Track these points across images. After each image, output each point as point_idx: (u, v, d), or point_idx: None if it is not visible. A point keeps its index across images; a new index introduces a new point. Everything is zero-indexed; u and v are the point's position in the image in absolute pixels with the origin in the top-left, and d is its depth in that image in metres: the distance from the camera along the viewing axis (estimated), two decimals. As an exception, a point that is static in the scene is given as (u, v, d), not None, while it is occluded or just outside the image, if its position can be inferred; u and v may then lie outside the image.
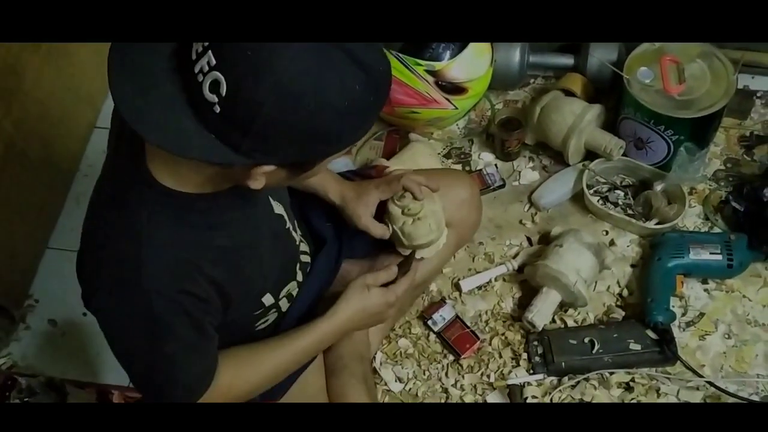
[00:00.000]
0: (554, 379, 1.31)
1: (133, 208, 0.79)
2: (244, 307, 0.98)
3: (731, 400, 1.24)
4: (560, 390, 1.28)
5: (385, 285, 1.06)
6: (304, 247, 1.14)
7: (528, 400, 1.28)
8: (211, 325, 0.89)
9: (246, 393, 0.99)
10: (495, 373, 1.33)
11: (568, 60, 1.63)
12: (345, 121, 0.72)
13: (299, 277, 1.09)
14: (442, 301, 1.41)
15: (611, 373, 1.28)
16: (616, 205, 1.48)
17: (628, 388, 1.28)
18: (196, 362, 0.89)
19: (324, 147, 0.74)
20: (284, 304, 1.08)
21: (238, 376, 0.95)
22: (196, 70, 0.68)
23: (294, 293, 1.10)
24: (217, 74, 0.67)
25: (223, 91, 0.67)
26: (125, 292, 0.80)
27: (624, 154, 1.46)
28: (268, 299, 1.02)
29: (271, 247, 0.98)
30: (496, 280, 1.44)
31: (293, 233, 1.04)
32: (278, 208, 1.01)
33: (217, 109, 0.68)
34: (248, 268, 0.91)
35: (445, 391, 1.34)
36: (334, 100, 0.69)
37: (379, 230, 1.14)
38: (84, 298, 0.85)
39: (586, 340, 1.30)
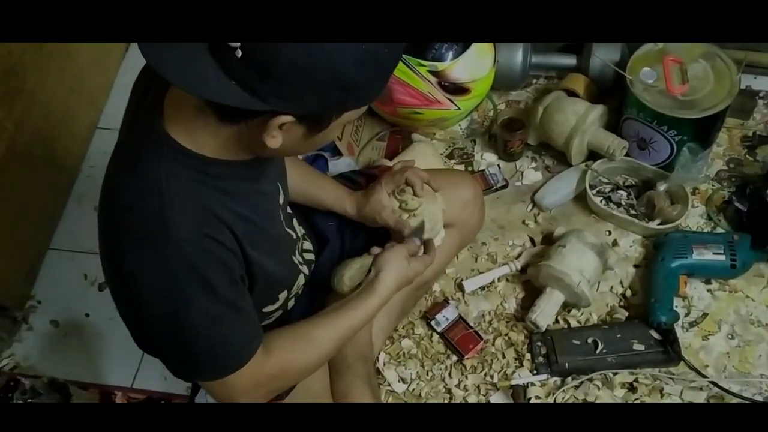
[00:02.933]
0: (558, 379, 1.31)
1: (151, 166, 0.79)
2: (262, 297, 0.97)
3: (735, 400, 1.24)
4: (564, 390, 1.28)
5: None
6: (307, 245, 1.13)
7: (531, 401, 1.28)
8: (244, 282, 0.88)
9: (300, 372, 0.97)
10: (498, 373, 1.33)
11: (570, 60, 1.63)
12: (361, 67, 0.72)
13: (306, 271, 1.09)
14: (445, 302, 1.41)
15: (615, 374, 1.28)
16: (619, 205, 1.48)
17: (632, 388, 1.28)
18: (237, 319, 0.86)
19: (341, 95, 0.74)
20: (290, 303, 1.08)
21: (294, 352, 0.93)
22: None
23: (300, 291, 1.10)
24: None
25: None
26: (156, 248, 0.78)
27: (627, 155, 1.46)
28: (283, 294, 1.02)
29: (282, 235, 0.98)
30: (499, 280, 1.44)
31: (287, 229, 1.04)
32: (281, 198, 1.01)
33: (239, 53, 0.69)
34: (263, 243, 0.90)
35: (449, 391, 1.34)
36: (352, 44, 0.71)
37: (399, 224, 1.14)
38: (112, 267, 0.82)
39: (590, 340, 1.30)
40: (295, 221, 1.09)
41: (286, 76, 0.70)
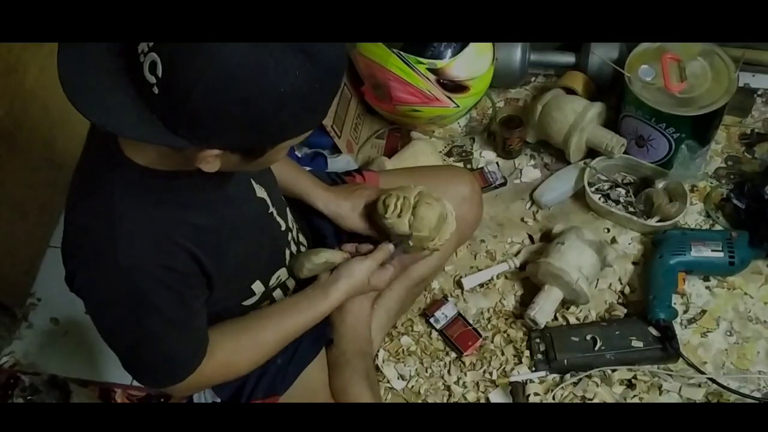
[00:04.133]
0: (556, 376, 1.31)
1: (105, 188, 0.80)
2: (232, 293, 0.98)
3: (733, 397, 1.24)
4: (562, 387, 1.28)
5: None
6: (302, 238, 1.14)
7: (530, 398, 1.28)
8: (197, 299, 0.89)
9: (242, 369, 1.00)
10: (497, 370, 1.33)
11: (569, 58, 1.63)
12: (285, 108, 0.69)
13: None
14: (444, 299, 1.41)
15: (613, 370, 1.29)
16: (617, 202, 1.48)
17: (630, 385, 1.28)
18: (183, 337, 0.89)
19: (270, 132, 0.71)
20: (278, 294, 1.08)
21: (234, 350, 0.96)
22: (139, 50, 0.67)
23: (289, 284, 1.10)
24: (154, 55, 0.66)
25: (160, 71, 0.66)
26: (102, 270, 0.80)
27: (625, 152, 1.47)
28: (258, 287, 1.02)
29: (254, 230, 0.98)
30: (498, 277, 1.44)
31: (277, 218, 1.03)
32: (260, 192, 1.00)
33: (156, 90, 0.67)
34: (230, 249, 0.91)
35: (448, 388, 1.34)
36: (273, 84, 0.67)
37: (366, 231, 1.14)
38: (68, 282, 0.86)
39: (588, 337, 1.30)
40: (288, 211, 1.09)
41: (201, 116, 0.67)
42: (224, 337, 0.95)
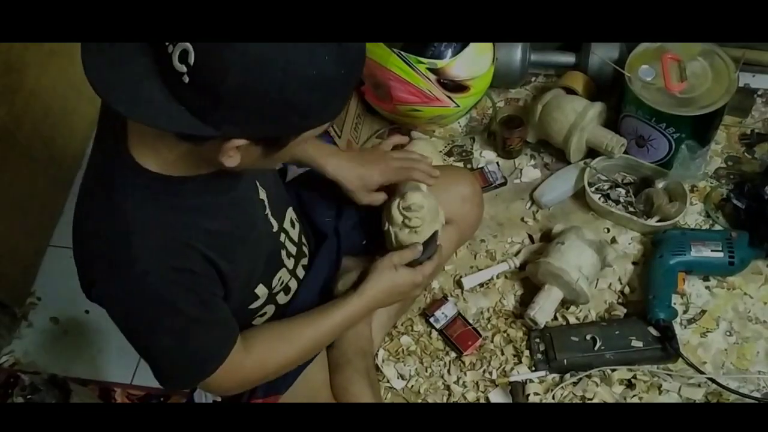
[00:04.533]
0: (556, 376, 1.31)
1: (118, 193, 0.80)
2: (240, 296, 0.98)
3: (733, 396, 1.24)
4: (562, 387, 1.29)
5: (411, 264, 1.07)
6: (303, 239, 1.14)
7: (530, 397, 1.28)
8: (217, 296, 0.89)
9: (279, 367, 1.00)
10: (497, 370, 1.34)
11: (569, 58, 1.63)
12: (314, 92, 0.70)
13: (290, 265, 1.09)
14: (444, 299, 1.41)
15: (613, 370, 1.29)
16: (617, 202, 1.48)
17: (630, 385, 1.29)
18: (209, 331, 0.88)
19: (294, 120, 0.72)
20: (282, 298, 1.08)
21: (272, 349, 0.96)
22: (166, 41, 0.68)
23: (291, 285, 1.10)
24: (186, 44, 0.67)
25: (191, 60, 0.66)
26: (121, 277, 0.80)
27: (625, 152, 1.47)
28: (261, 290, 1.02)
29: (255, 232, 0.98)
30: (497, 277, 1.44)
31: (271, 219, 1.03)
32: (261, 193, 1.00)
33: (186, 78, 0.67)
34: (239, 253, 0.91)
35: (447, 388, 1.34)
36: (303, 68, 0.68)
37: (379, 198, 1.15)
38: (84, 291, 0.86)
39: (588, 337, 1.30)
40: (290, 210, 1.09)
41: (234, 102, 0.68)
42: (261, 334, 0.96)
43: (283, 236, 1.07)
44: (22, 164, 1.54)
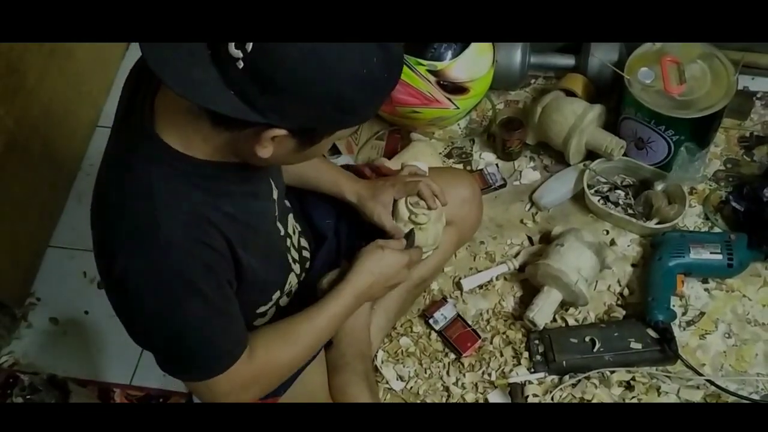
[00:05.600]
0: (555, 377, 1.31)
1: (141, 166, 0.80)
2: (255, 296, 0.98)
3: (731, 398, 1.24)
4: (561, 388, 1.29)
5: None
6: (303, 242, 1.14)
7: (529, 399, 1.29)
8: (231, 286, 0.88)
9: (284, 367, 0.98)
10: (496, 371, 1.34)
11: (569, 60, 1.64)
12: (360, 90, 0.73)
13: (297, 269, 1.09)
14: (444, 300, 1.41)
15: (612, 372, 1.29)
16: (616, 204, 1.48)
17: (629, 386, 1.29)
18: (225, 323, 0.87)
19: (337, 115, 0.75)
20: (283, 300, 1.08)
21: (274, 350, 0.94)
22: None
23: (293, 289, 1.10)
24: None
25: (249, 47, 0.69)
26: (144, 249, 0.79)
27: (625, 154, 1.47)
28: (276, 295, 1.02)
29: (270, 227, 0.98)
30: (497, 279, 1.44)
31: (277, 223, 1.04)
32: (274, 194, 1.01)
33: (241, 64, 0.70)
34: (253, 243, 0.90)
35: (446, 389, 1.34)
36: (354, 66, 0.71)
37: (393, 230, 1.13)
38: (104, 269, 0.83)
39: (587, 338, 1.31)
40: (291, 216, 1.09)
41: (285, 91, 0.71)
42: (261, 335, 0.94)
43: (288, 241, 1.07)
44: (21, 165, 1.54)
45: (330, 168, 1.19)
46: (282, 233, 1.05)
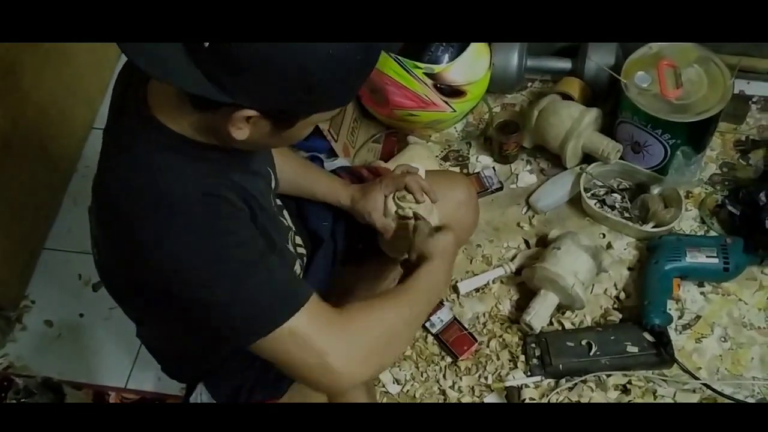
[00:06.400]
0: (552, 381, 1.31)
1: (139, 147, 0.79)
2: None
3: (727, 402, 1.24)
4: (558, 392, 1.29)
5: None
6: (298, 240, 1.14)
7: (525, 402, 1.28)
8: (265, 237, 0.84)
9: (384, 329, 0.86)
10: (493, 375, 1.34)
11: (565, 64, 1.64)
12: (329, 70, 0.71)
13: (296, 267, 1.09)
14: (440, 303, 1.41)
15: (608, 375, 1.29)
16: (613, 208, 1.49)
17: (625, 390, 1.29)
18: (281, 264, 0.83)
19: (305, 96, 0.73)
20: None
21: (369, 312, 0.86)
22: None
23: None
24: None
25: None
26: (162, 216, 0.76)
27: (621, 158, 1.47)
28: None
29: (277, 218, 0.97)
30: (493, 282, 1.44)
31: (278, 216, 1.04)
32: (273, 183, 1.01)
33: (207, 43, 0.69)
34: (261, 216, 0.88)
35: (443, 393, 1.34)
36: (322, 46, 0.70)
37: (384, 226, 1.13)
38: (120, 251, 0.81)
39: (584, 342, 1.31)
40: (286, 213, 1.09)
41: (251, 71, 0.70)
42: (356, 305, 0.87)
43: (290, 234, 1.07)
44: (17, 166, 1.53)
45: (325, 176, 1.20)
46: (286, 224, 1.05)
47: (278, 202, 1.07)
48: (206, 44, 0.69)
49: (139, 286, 0.84)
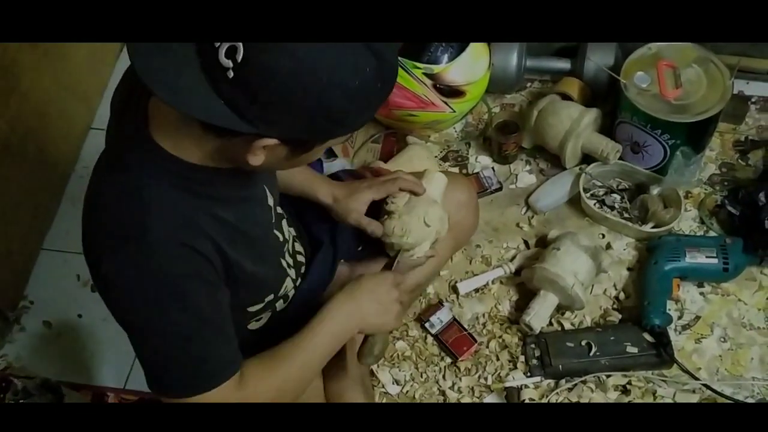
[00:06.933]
0: (551, 381, 1.31)
1: (133, 169, 0.79)
2: (244, 299, 0.96)
3: (727, 402, 1.24)
4: (557, 392, 1.29)
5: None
6: (298, 246, 1.13)
7: (525, 403, 1.28)
8: (225, 296, 0.86)
9: (276, 397, 0.92)
10: (492, 375, 1.33)
11: (565, 64, 1.64)
12: (352, 101, 0.72)
13: (292, 274, 1.09)
14: (440, 304, 1.41)
15: (608, 376, 1.29)
16: (612, 208, 1.49)
17: (625, 390, 1.29)
18: (214, 340, 0.85)
19: (328, 126, 0.74)
20: (280, 305, 1.08)
21: (265, 380, 0.90)
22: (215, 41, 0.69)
23: (290, 294, 1.09)
24: (237, 42, 0.68)
25: (239, 56, 0.68)
26: (131, 251, 0.78)
27: (620, 158, 1.47)
28: (270, 298, 1.01)
29: (268, 238, 0.97)
30: (493, 282, 1.44)
31: (275, 231, 1.03)
32: (270, 200, 1.00)
33: (231, 74, 0.69)
34: (244, 245, 0.89)
35: (443, 393, 1.34)
36: (346, 78, 0.71)
37: (371, 226, 1.12)
38: (92, 270, 0.81)
39: (583, 342, 1.31)
40: (284, 222, 1.08)
41: (274, 102, 0.70)
42: (253, 365, 0.90)
43: (285, 246, 1.07)
44: (15, 167, 1.53)
45: (302, 169, 1.17)
46: (281, 239, 1.04)
47: (278, 210, 1.06)
48: (230, 75, 0.68)
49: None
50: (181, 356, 0.83)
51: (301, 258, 1.13)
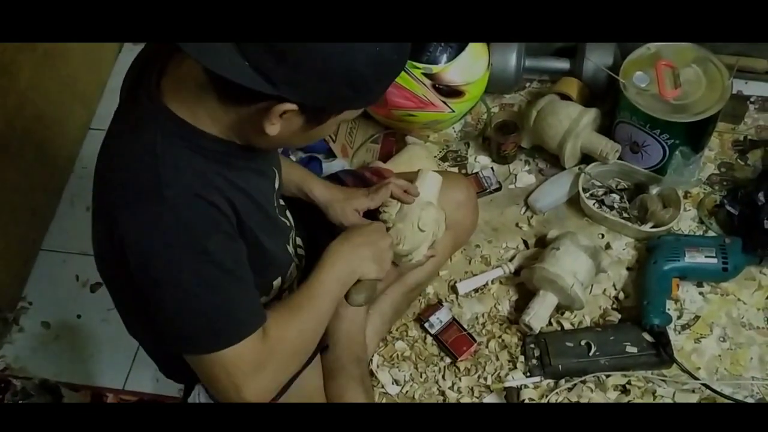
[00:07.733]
0: (551, 381, 1.31)
1: (147, 130, 0.79)
2: (255, 268, 0.93)
3: (726, 402, 1.24)
4: (557, 392, 1.28)
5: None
6: (298, 240, 1.13)
7: (525, 403, 1.28)
8: (243, 251, 0.85)
9: (298, 344, 0.91)
10: (492, 375, 1.33)
11: (564, 64, 1.64)
12: (372, 67, 0.74)
13: (297, 262, 1.08)
14: (439, 304, 1.41)
15: (608, 376, 1.29)
16: (611, 208, 1.49)
17: (625, 390, 1.29)
18: (237, 291, 0.83)
19: (348, 92, 0.75)
20: (285, 296, 1.08)
21: (285, 324, 0.88)
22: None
23: (294, 284, 1.09)
24: None
25: None
26: (147, 206, 0.77)
27: (620, 158, 1.47)
28: (277, 282, 1.01)
29: (278, 216, 0.97)
30: (492, 282, 1.44)
31: (279, 216, 1.03)
32: (277, 183, 1.01)
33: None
34: (255, 216, 0.88)
35: (442, 393, 1.34)
36: (371, 44, 0.73)
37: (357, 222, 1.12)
38: (105, 231, 0.80)
39: (583, 342, 1.30)
40: (288, 213, 1.09)
41: (301, 64, 0.71)
42: (271, 315, 0.89)
43: (291, 233, 1.07)
44: (13, 167, 1.53)
45: (298, 168, 1.19)
46: (288, 224, 1.05)
47: (281, 202, 1.06)
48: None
49: (113, 265, 0.84)
50: (207, 308, 0.81)
51: (300, 251, 1.13)
